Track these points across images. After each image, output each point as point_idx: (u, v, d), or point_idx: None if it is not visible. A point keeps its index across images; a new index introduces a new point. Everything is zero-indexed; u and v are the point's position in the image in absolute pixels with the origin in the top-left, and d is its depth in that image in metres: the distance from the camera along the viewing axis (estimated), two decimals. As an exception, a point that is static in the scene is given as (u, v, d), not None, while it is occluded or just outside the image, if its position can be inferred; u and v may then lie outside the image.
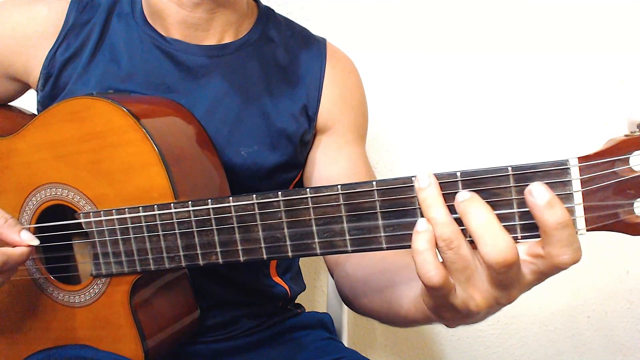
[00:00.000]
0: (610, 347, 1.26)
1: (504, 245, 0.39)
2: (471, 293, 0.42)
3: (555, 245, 0.39)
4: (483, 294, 0.42)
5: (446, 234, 0.41)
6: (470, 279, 0.42)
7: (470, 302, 0.43)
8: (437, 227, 0.41)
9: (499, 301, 0.43)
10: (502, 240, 0.39)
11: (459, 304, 0.43)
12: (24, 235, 0.58)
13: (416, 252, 0.42)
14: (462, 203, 0.41)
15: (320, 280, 1.25)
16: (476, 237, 0.40)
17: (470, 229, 0.40)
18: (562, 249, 0.39)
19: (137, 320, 0.61)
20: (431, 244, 0.42)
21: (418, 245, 0.42)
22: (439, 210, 0.42)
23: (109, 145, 0.60)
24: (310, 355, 0.76)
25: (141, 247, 0.57)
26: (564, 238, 0.38)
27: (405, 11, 1.13)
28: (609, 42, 1.12)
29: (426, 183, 0.42)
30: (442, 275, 0.41)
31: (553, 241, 0.39)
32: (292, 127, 0.74)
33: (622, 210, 0.40)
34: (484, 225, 0.40)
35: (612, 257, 1.20)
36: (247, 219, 0.50)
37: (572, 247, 0.39)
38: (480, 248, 0.40)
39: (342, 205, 0.46)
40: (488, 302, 0.43)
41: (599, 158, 0.40)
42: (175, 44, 0.72)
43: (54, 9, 0.73)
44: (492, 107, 1.15)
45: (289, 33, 0.80)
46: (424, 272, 0.42)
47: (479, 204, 0.41)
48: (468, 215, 0.41)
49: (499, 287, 0.42)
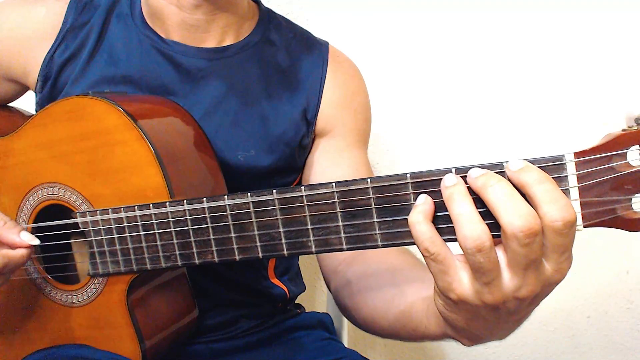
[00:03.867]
0: (610, 347, 1.26)
1: (527, 213, 0.37)
2: (493, 292, 0.40)
3: (541, 204, 0.38)
4: (503, 290, 0.40)
5: (476, 232, 0.38)
6: (495, 280, 0.40)
7: (488, 298, 0.41)
8: (465, 224, 0.39)
9: (517, 294, 0.40)
10: (525, 209, 0.38)
11: (473, 299, 0.41)
12: (24, 236, 0.58)
13: (411, 224, 0.41)
14: (480, 178, 0.40)
15: (320, 281, 1.24)
16: (499, 210, 0.38)
17: (492, 200, 0.39)
18: (548, 205, 0.37)
19: (135, 320, 0.61)
20: (429, 215, 0.41)
21: (413, 217, 0.41)
22: (467, 205, 0.40)
23: (105, 145, 0.60)
24: (310, 356, 0.76)
25: (137, 246, 0.57)
26: (544, 192, 0.38)
27: (404, 12, 1.13)
28: (607, 39, 1.12)
29: (453, 181, 0.41)
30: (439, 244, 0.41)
31: (537, 199, 0.38)
32: (291, 131, 0.74)
33: (620, 206, 0.40)
34: (506, 195, 0.38)
35: (612, 257, 1.19)
36: (242, 217, 0.50)
37: (558, 202, 0.37)
38: (502, 220, 0.38)
39: (337, 203, 0.46)
40: (505, 297, 0.40)
41: (595, 153, 0.40)
42: (175, 46, 0.72)
43: (53, 10, 0.73)
44: (491, 106, 1.15)
45: (290, 35, 0.79)
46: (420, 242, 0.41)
47: (498, 177, 0.39)
48: (488, 188, 0.39)
49: (520, 270, 0.39)
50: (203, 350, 0.74)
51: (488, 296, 0.41)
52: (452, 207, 0.40)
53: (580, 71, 1.13)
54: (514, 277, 0.40)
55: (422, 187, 0.43)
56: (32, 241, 0.58)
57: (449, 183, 0.41)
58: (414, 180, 0.43)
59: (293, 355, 0.76)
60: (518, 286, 0.40)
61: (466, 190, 0.40)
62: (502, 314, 0.42)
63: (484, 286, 0.40)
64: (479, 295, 0.41)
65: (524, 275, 0.40)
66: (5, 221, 0.59)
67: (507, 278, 0.40)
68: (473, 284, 0.41)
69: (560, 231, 0.37)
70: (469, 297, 0.41)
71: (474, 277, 0.41)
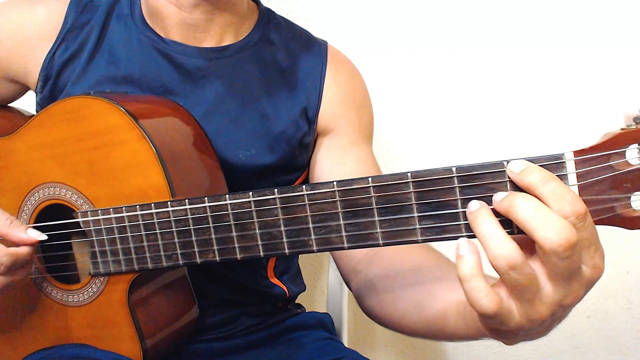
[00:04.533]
0: (610, 347, 1.26)
1: (561, 226, 0.37)
2: (538, 308, 0.40)
3: (551, 202, 0.38)
4: (549, 302, 0.40)
5: (506, 250, 0.38)
6: (537, 294, 0.39)
7: (535, 315, 0.40)
8: (493, 244, 0.38)
9: (563, 302, 0.40)
10: (558, 221, 0.37)
11: (523, 322, 0.40)
12: (31, 233, 0.59)
13: (463, 278, 0.39)
14: (505, 199, 0.39)
15: (320, 280, 1.24)
16: (531, 227, 0.38)
17: (521, 220, 0.38)
18: (557, 203, 0.37)
19: (136, 319, 0.61)
20: (478, 268, 0.39)
21: (465, 271, 0.39)
22: (493, 225, 0.39)
23: (106, 144, 0.60)
24: (310, 355, 0.76)
25: (138, 245, 0.57)
26: (551, 192, 0.38)
27: (404, 11, 1.13)
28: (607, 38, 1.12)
29: (477, 206, 0.40)
30: (496, 301, 0.39)
31: (546, 199, 0.38)
32: (291, 130, 0.74)
33: (619, 204, 0.40)
34: (536, 211, 0.38)
35: (612, 257, 1.18)
36: (243, 216, 0.50)
37: (565, 199, 0.37)
38: (538, 237, 0.37)
39: (338, 202, 0.46)
40: (552, 309, 0.40)
41: (594, 152, 0.40)
42: (174, 45, 0.72)
43: (53, 10, 0.73)
44: (491, 105, 1.15)
45: (289, 35, 0.79)
46: (476, 301, 0.39)
47: (523, 195, 0.39)
48: (516, 207, 0.38)
49: (563, 282, 0.39)
50: (203, 349, 0.74)
51: (534, 314, 0.40)
52: (478, 228, 0.40)
53: (580, 70, 1.13)
54: (558, 289, 0.39)
55: (422, 186, 0.43)
56: (39, 237, 0.59)
57: (473, 208, 0.41)
58: (414, 179, 0.44)
59: (293, 355, 0.76)
60: (563, 296, 0.40)
61: (490, 212, 0.40)
62: (549, 322, 0.42)
63: (528, 305, 0.40)
64: (527, 316, 0.40)
65: (568, 284, 0.39)
66: (11, 220, 0.59)
67: (550, 290, 0.40)
68: (519, 310, 0.40)
69: (576, 225, 0.37)
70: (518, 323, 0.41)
71: (516, 298, 0.40)
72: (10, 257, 0.57)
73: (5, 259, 0.57)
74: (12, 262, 0.57)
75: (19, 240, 0.59)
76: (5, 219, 0.59)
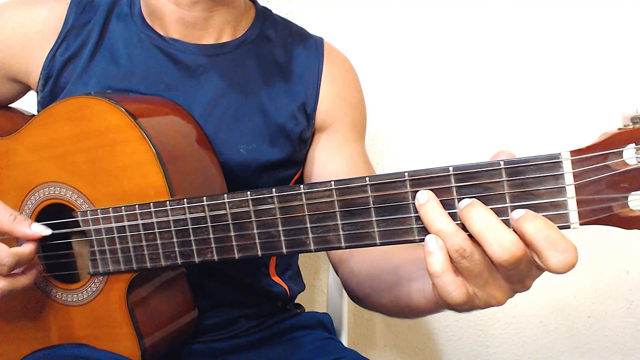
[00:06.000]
0: (610, 347, 1.26)
1: (509, 242, 0.40)
2: (491, 292, 0.44)
3: (542, 251, 0.39)
4: (502, 290, 0.43)
5: (457, 244, 0.41)
6: (489, 280, 0.43)
7: (491, 300, 0.44)
8: (446, 238, 0.42)
9: (516, 290, 0.44)
10: (505, 238, 0.40)
11: (481, 304, 0.44)
12: (35, 228, 0.59)
13: (434, 275, 0.42)
14: (463, 210, 0.42)
15: (320, 280, 1.24)
16: (481, 240, 0.41)
17: (474, 232, 0.41)
18: (549, 252, 0.39)
19: (134, 319, 0.61)
20: (447, 263, 0.42)
21: (435, 268, 0.42)
22: (444, 222, 0.42)
23: (106, 144, 0.60)
24: (310, 355, 0.76)
25: (137, 245, 0.57)
26: (544, 240, 0.39)
27: (402, 10, 1.13)
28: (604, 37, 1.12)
29: (425, 198, 0.43)
30: (464, 292, 0.42)
31: (537, 248, 0.40)
32: (291, 124, 0.74)
33: (616, 204, 0.40)
34: (486, 225, 0.40)
35: (612, 257, 1.19)
36: (241, 215, 0.50)
37: (557, 248, 0.39)
38: (487, 249, 0.41)
39: (335, 201, 0.46)
40: (507, 294, 0.44)
41: (591, 151, 0.40)
42: (174, 43, 0.73)
43: (54, 10, 0.74)
44: (488, 105, 1.15)
45: (286, 32, 0.80)
46: (446, 294, 0.42)
47: (479, 207, 0.41)
48: (470, 220, 0.41)
49: (514, 282, 0.43)
50: (202, 349, 0.74)
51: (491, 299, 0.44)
52: (431, 226, 0.43)
53: (577, 70, 1.13)
54: (510, 284, 0.44)
55: (420, 185, 0.44)
56: (44, 232, 0.59)
57: (422, 200, 0.43)
58: (411, 178, 0.44)
59: (293, 355, 0.76)
60: (516, 288, 0.44)
61: (439, 204, 0.43)
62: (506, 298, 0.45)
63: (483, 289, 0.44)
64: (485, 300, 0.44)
65: (520, 281, 0.43)
66: (15, 216, 0.59)
67: (503, 282, 0.43)
68: (474, 290, 0.44)
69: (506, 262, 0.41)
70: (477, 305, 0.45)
71: (473, 284, 0.43)
72: (13, 257, 0.57)
73: (8, 260, 0.56)
74: (15, 262, 0.57)
75: (23, 236, 0.59)
76: (9, 214, 0.59)
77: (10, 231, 0.59)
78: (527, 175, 0.41)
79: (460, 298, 0.42)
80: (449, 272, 0.42)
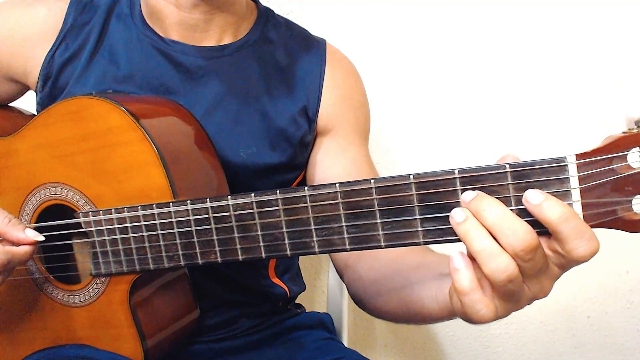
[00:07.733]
0: (610, 347, 1.26)
1: (523, 231, 0.39)
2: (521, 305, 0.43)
3: (567, 240, 0.39)
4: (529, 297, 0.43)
5: (503, 264, 0.39)
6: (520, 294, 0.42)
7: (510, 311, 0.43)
8: (490, 258, 0.39)
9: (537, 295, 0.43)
10: (519, 227, 0.39)
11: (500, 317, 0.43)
12: (29, 233, 0.59)
13: (462, 292, 0.41)
14: (471, 202, 0.41)
15: (320, 280, 1.25)
16: (495, 231, 0.40)
17: (487, 225, 0.40)
18: (575, 242, 0.39)
19: (137, 320, 0.61)
20: (475, 280, 0.41)
21: (464, 285, 0.41)
22: (487, 240, 0.40)
23: (107, 145, 0.60)
24: (310, 355, 0.76)
25: (140, 246, 0.57)
26: (571, 231, 0.39)
27: (404, 11, 1.13)
28: (609, 41, 1.12)
29: (462, 217, 0.41)
30: (492, 310, 0.41)
31: (563, 237, 0.39)
32: (292, 128, 0.74)
33: (620, 208, 0.40)
34: (500, 217, 0.40)
35: (612, 257, 1.20)
36: (245, 217, 0.50)
37: (584, 237, 0.39)
38: (501, 240, 0.39)
39: (340, 204, 0.46)
40: (529, 301, 0.43)
41: (596, 155, 0.40)
42: (174, 45, 0.72)
43: (53, 10, 0.73)
44: (492, 107, 1.15)
45: (288, 34, 0.80)
46: (474, 312, 0.41)
47: (488, 199, 0.40)
48: (482, 212, 0.40)
49: (531, 278, 0.41)
50: (204, 350, 0.74)
51: (514, 307, 0.43)
52: (471, 244, 0.40)
53: (582, 73, 1.13)
54: (532, 287, 0.42)
55: (425, 188, 0.44)
56: (37, 238, 0.59)
57: (459, 219, 0.41)
58: (417, 180, 0.44)
59: (293, 355, 0.76)
60: (537, 291, 0.43)
61: (478, 223, 0.41)
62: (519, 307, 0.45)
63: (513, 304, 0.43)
64: (506, 311, 0.43)
65: (538, 281, 0.42)
66: (9, 219, 0.59)
67: (526, 290, 0.42)
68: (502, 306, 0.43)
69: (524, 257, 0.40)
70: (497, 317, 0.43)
71: (504, 301, 0.42)
72: (6, 255, 0.57)
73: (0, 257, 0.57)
74: (7, 260, 0.57)
75: (16, 239, 0.58)
76: (3, 217, 0.59)
77: (4, 234, 0.58)
78: (533, 179, 0.41)
79: (489, 316, 0.41)
80: (478, 289, 0.41)
